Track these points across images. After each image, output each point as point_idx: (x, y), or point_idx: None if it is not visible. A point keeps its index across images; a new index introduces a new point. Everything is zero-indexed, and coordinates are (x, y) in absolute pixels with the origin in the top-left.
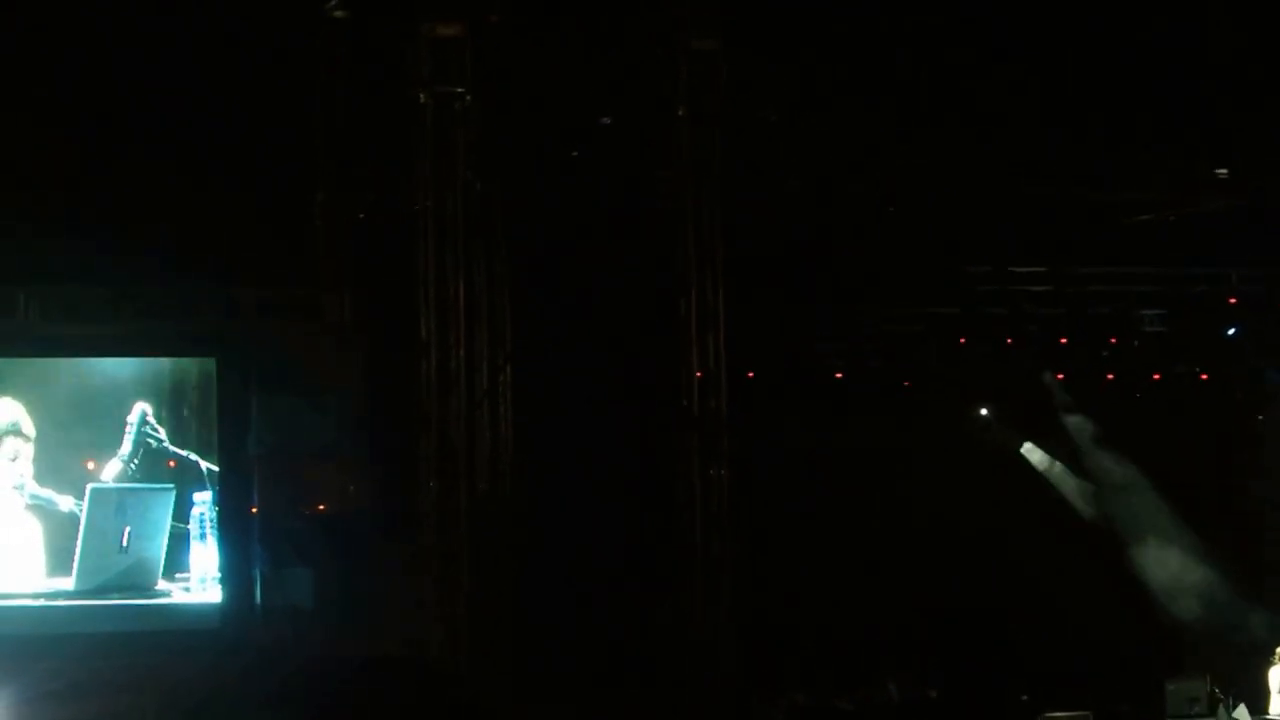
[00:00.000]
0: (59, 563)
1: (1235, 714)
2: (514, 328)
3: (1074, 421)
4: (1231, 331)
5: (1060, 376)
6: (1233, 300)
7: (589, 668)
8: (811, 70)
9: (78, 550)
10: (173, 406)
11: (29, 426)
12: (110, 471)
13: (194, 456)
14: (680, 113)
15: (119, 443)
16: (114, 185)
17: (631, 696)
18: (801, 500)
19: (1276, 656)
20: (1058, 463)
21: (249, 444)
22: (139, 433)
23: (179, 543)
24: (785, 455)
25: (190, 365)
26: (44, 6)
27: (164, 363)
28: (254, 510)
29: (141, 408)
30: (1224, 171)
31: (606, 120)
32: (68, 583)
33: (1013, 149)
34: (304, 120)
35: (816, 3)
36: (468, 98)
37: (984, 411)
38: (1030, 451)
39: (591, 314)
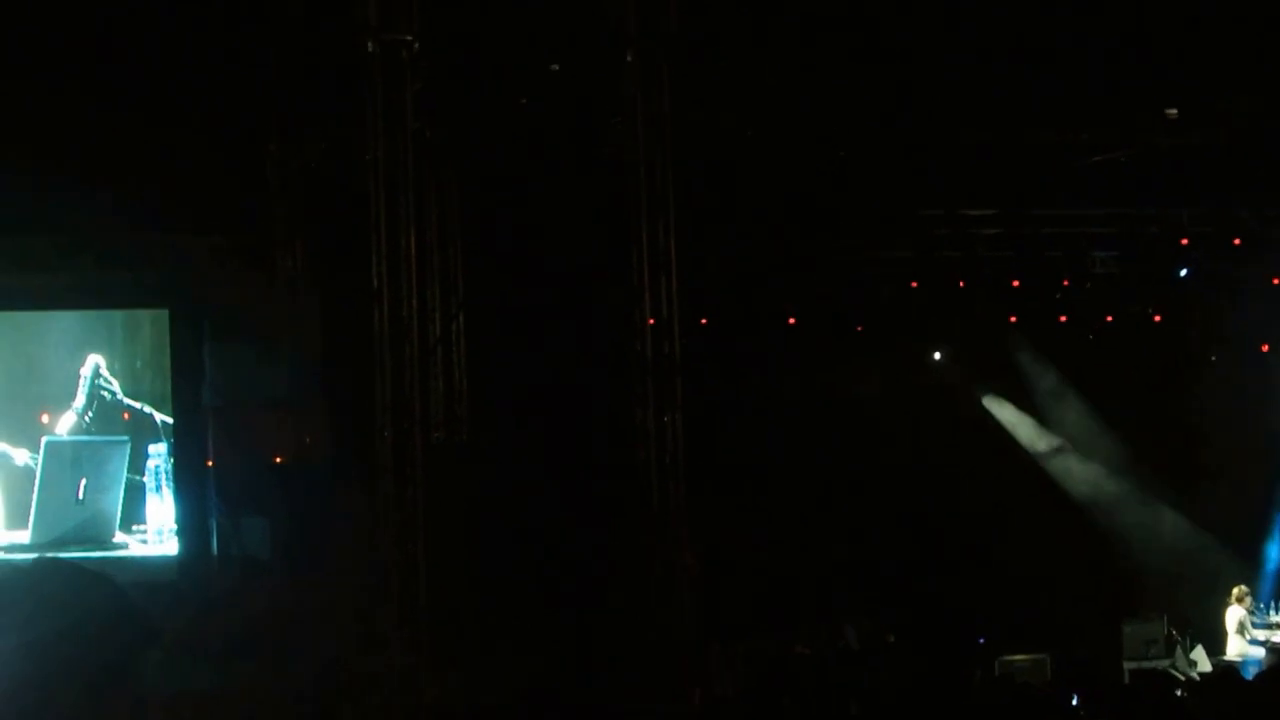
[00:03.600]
0: (15, 516)
1: (1192, 655)
2: (466, 275)
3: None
4: (1183, 272)
5: (1014, 319)
6: (1184, 240)
7: (546, 615)
8: (762, 14)
9: (33, 503)
10: (126, 358)
11: None
12: (64, 424)
13: (148, 408)
14: (629, 58)
15: (73, 395)
16: (64, 135)
17: (588, 644)
18: (756, 445)
19: (1233, 597)
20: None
21: (203, 395)
22: (92, 385)
23: (135, 495)
24: (739, 400)
25: (143, 316)
26: None
27: (116, 314)
28: (209, 462)
29: (95, 360)
30: (1174, 112)
31: (556, 67)
32: (24, 536)
33: (963, 91)
34: (254, 69)
35: None
36: (416, 45)
37: (937, 355)
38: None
39: (544, 260)
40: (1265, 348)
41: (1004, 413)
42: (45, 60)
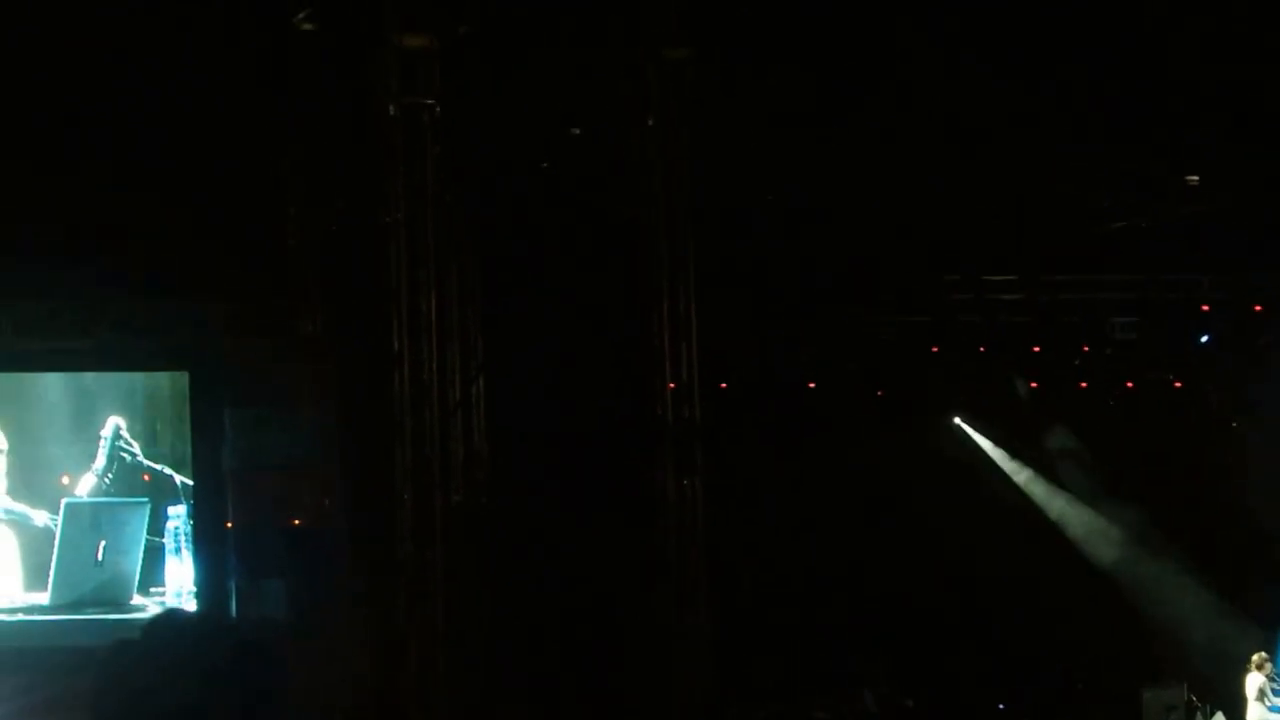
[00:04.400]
0: (34, 577)
1: None
2: (486, 339)
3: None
4: (1204, 339)
5: (1034, 385)
6: (1204, 307)
7: (564, 679)
8: (783, 79)
9: (53, 565)
10: (146, 420)
11: (1, 439)
12: (84, 486)
13: (168, 470)
14: (651, 122)
15: (93, 457)
16: (85, 200)
17: (607, 708)
18: (775, 509)
19: (1252, 664)
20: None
21: (222, 458)
22: (113, 447)
23: (154, 557)
24: (758, 465)
25: (163, 379)
26: (13, 22)
27: (137, 377)
28: (228, 524)
29: (115, 422)
30: (1194, 178)
31: (577, 131)
32: (43, 597)
33: (984, 157)
34: (274, 134)
35: (787, 12)
36: (437, 109)
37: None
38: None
39: (564, 325)
40: None
41: (1025, 479)
42: (64, 126)
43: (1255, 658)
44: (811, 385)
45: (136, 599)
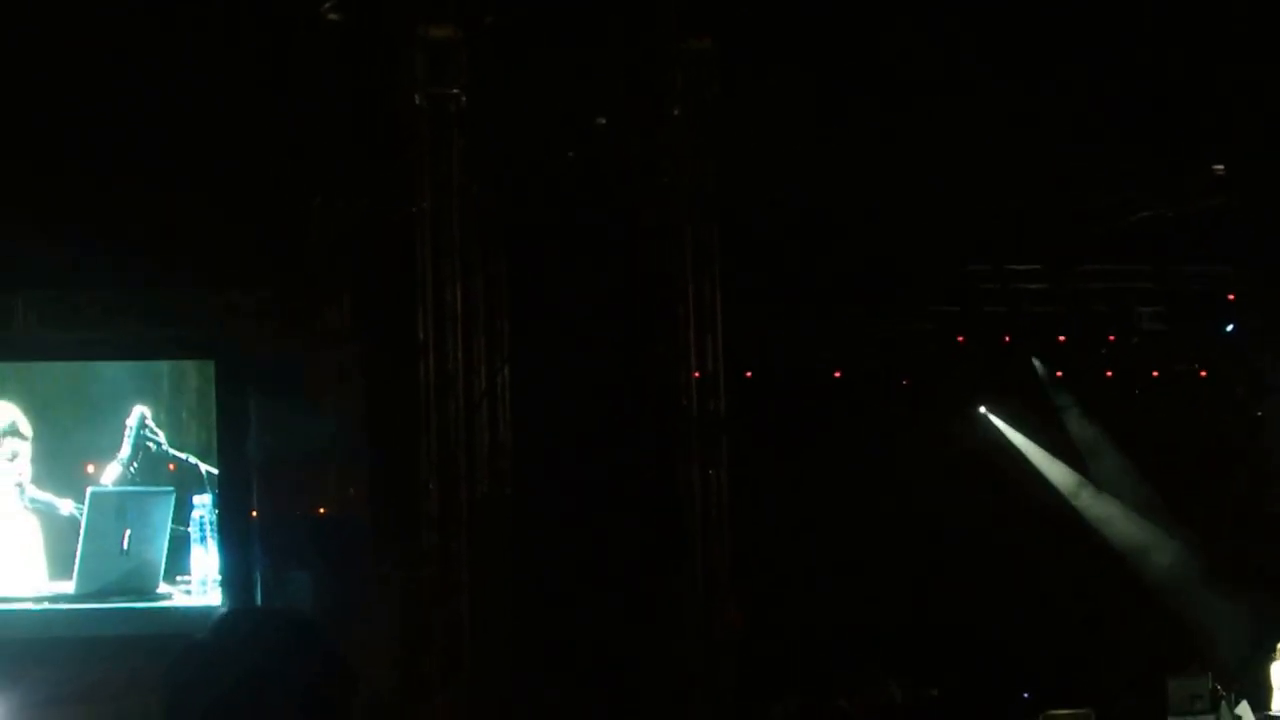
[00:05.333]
0: (60, 566)
1: (1237, 710)
2: (511, 330)
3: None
4: (1230, 328)
5: (1060, 375)
6: (1231, 297)
7: (587, 669)
8: (808, 69)
9: (78, 554)
10: (171, 409)
11: (26, 426)
12: (110, 475)
13: (193, 459)
14: (675, 113)
15: (118, 446)
16: (111, 191)
17: (630, 697)
18: (801, 499)
19: (1278, 652)
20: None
21: (248, 447)
22: (138, 436)
23: (179, 546)
24: (784, 455)
25: (189, 368)
26: (34, 10)
27: (162, 366)
28: (254, 513)
29: (140, 411)
30: (1221, 168)
31: (602, 121)
32: (68, 586)
33: (1010, 147)
34: (300, 124)
35: (812, 3)
36: (463, 100)
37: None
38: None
39: (589, 315)
40: None
41: (1050, 467)
42: (90, 116)
43: None
44: (837, 374)
45: (162, 587)
